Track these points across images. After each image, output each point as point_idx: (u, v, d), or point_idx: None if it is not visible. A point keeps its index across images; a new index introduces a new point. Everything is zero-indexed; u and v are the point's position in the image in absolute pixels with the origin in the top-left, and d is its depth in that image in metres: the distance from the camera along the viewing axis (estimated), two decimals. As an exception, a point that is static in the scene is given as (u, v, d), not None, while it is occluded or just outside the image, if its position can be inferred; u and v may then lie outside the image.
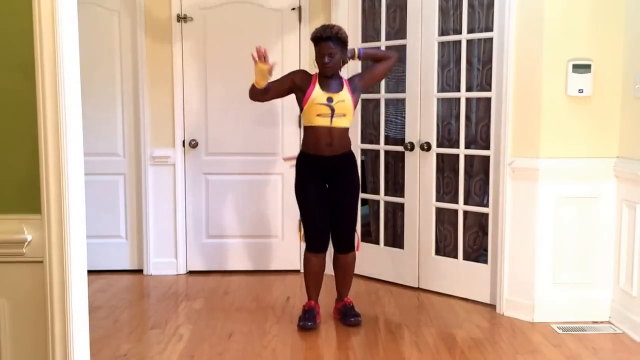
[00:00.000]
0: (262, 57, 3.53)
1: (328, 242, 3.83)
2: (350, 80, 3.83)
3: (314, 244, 3.79)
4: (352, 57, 3.82)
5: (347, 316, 3.83)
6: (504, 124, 3.93)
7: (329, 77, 3.70)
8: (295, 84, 3.73)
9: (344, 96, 3.69)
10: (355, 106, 3.78)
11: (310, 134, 3.74)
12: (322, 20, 4.66)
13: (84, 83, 2.12)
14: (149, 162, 4.88)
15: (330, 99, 3.65)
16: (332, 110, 3.65)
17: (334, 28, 3.67)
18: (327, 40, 3.63)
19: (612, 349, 3.50)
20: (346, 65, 3.88)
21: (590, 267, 3.86)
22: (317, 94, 3.65)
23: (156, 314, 4.07)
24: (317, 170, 3.75)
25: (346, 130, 3.76)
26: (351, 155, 3.85)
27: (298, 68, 4.35)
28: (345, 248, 3.85)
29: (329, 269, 3.97)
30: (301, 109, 3.75)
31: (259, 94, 3.72)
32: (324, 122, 3.67)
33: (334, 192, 3.78)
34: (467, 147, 4.31)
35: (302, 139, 3.88)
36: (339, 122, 3.69)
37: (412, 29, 4.43)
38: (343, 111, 3.68)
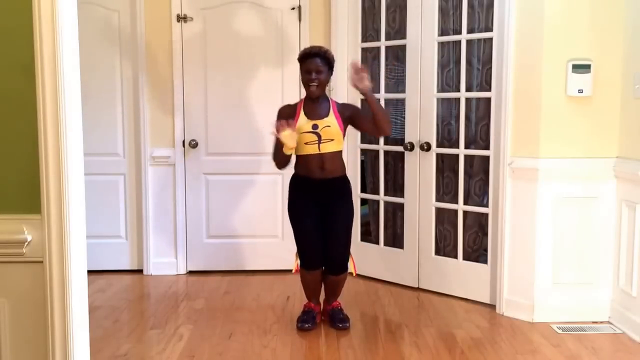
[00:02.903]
0: (282, 127, 3.46)
1: (321, 261, 3.75)
2: (340, 106, 3.72)
3: (307, 263, 3.74)
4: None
5: (335, 320, 3.80)
6: (504, 124, 3.93)
7: (315, 102, 3.65)
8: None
9: (330, 121, 3.62)
10: (344, 132, 3.69)
11: (301, 160, 3.70)
12: (322, 19, 4.69)
13: (84, 83, 2.12)
14: (148, 162, 4.88)
15: (315, 126, 3.60)
16: (319, 136, 3.61)
17: (321, 47, 3.69)
18: (315, 57, 3.60)
19: (611, 349, 3.50)
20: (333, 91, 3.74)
21: (589, 267, 3.87)
22: (302, 122, 3.61)
23: (156, 314, 4.07)
24: (310, 193, 3.69)
25: (338, 153, 3.69)
26: (345, 180, 3.76)
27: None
28: (338, 270, 3.77)
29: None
30: None
31: (286, 160, 3.64)
32: (312, 149, 3.62)
33: (327, 217, 3.69)
34: (466, 147, 4.31)
35: (295, 164, 3.76)
36: (327, 148, 3.62)
37: (412, 29, 4.44)
38: (330, 136, 3.62)
